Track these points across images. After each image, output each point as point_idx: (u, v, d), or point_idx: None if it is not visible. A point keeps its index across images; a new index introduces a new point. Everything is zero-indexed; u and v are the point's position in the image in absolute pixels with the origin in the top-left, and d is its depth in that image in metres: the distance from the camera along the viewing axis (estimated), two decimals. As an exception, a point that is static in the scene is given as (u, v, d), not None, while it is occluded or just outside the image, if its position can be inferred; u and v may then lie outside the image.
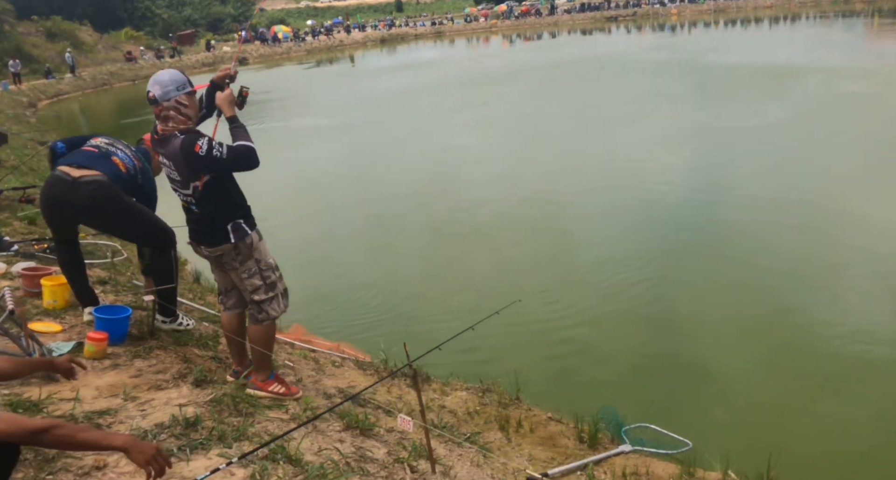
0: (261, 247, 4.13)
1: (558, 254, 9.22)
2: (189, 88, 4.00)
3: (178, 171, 3.92)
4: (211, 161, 3.82)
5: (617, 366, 6.37)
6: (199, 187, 3.92)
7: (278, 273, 4.22)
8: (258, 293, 4.11)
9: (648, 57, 31.49)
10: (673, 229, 9.81)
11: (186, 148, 3.80)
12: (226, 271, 4.18)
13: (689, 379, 6.14)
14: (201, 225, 4.06)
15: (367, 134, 19.52)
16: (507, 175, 13.63)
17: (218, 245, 4.03)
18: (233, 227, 4.00)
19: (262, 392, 4.26)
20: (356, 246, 10.53)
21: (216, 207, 4.00)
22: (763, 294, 7.58)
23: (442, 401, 5.12)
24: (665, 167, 13.11)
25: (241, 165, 3.93)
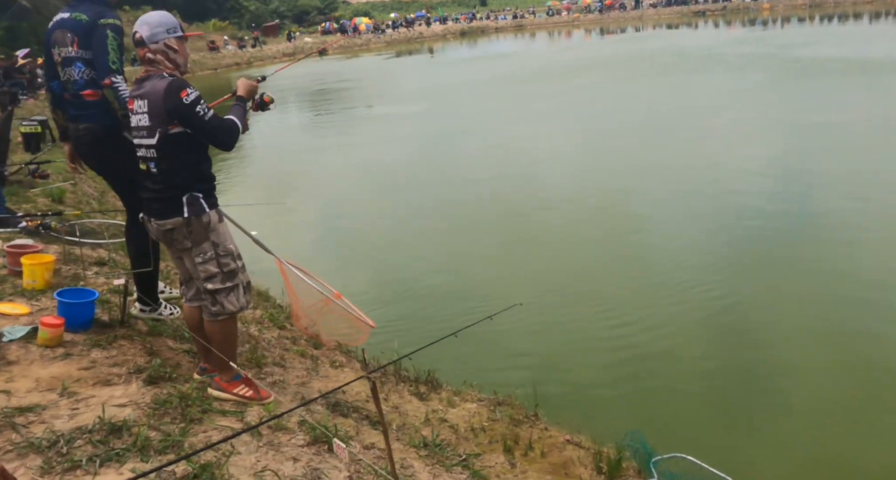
0: (219, 229, 3.61)
1: (619, 256, 8.37)
2: (179, 33, 3.63)
3: (149, 113, 3.45)
4: (191, 115, 3.41)
5: (656, 384, 5.56)
6: (166, 136, 3.45)
7: (240, 263, 3.69)
8: (213, 282, 3.58)
9: (734, 50, 29.89)
10: (751, 234, 8.81)
11: (172, 90, 3.38)
12: (179, 253, 3.68)
13: (737, 404, 5.29)
14: (154, 193, 3.57)
15: (442, 123, 18.98)
16: (578, 169, 12.86)
17: (167, 218, 3.53)
18: (188, 199, 3.51)
19: (225, 394, 3.72)
20: (414, 232, 10.05)
21: (176, 169, 3.51)
22: (844, 314, 6.60)
23: (445, 413, 4.47)
24: (745, 166, 12.03)
25: (217, 137, 3.52)
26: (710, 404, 5.42)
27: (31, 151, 11.20)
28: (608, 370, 5.72)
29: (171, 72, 3.53)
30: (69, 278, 5.14)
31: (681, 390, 5.56)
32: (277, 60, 48.18)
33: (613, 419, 5.04)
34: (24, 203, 7.54)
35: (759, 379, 5.71)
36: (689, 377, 5.76)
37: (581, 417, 4.87)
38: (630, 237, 8.90)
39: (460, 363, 5.37)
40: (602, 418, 5.02)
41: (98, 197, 9.32)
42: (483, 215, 10.49)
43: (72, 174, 9.43)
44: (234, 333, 3.80)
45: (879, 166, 11.11)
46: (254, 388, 3.83)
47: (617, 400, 5.34)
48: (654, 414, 5.22)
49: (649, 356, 5.96)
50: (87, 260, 5.66)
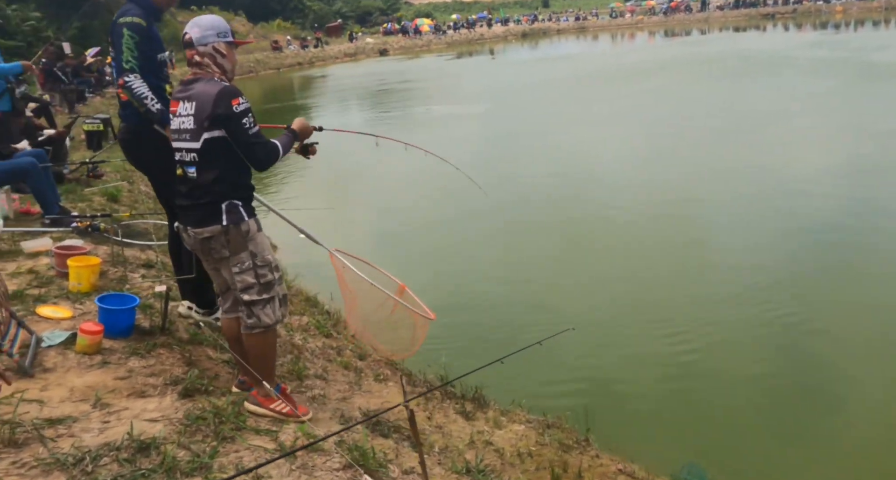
0: (258, 239, 3.50)
1: (680, 270, 7.92)
2: (230, 38, 3.53)
3: (195, 117, 3.37)
4: (238, 125, 3.33)
5: (715, 409, 5.21)
6: (211, 141, 3.36)
7: (277, 275, 3.57)
8: (249, 293, 3.46)
9: (805, 54, 28.86)
10: (819, 248, 8.33)
11: (225, 95, 3.32)
12: (216, 264, 3.57)
13: (803, 432, 4.92)
14: (192, 199, 3.46)
15: (502, 125, 18.70)
16: (640, 175, 12.36)
17: (205, 226, 3.42)
18: (228, 207, 3.42)
19: (261, 409, 3.58)
20: (469, 236, 9.83)
21: (217, 175, 3.41)
22: None
23: (491, 436, 4.26)
24: (816, 175, 11.48)
25: (255, 152, 3.43)
26: (773, 432, 5.06)
27: (92, 148, 11.39)
28: (665, 394, 5.40)
29: (218, 77, 3.45)
30: (115, 280, 5.10)
31: (742, 416, 5.21)
32: (339, 60, 48.63)
33: (670, 446, 4.75)
34: (80, 202, 7.60)
35: (827, 405, 5.35)
36: (752, 404, 5.39)
37: (635, 444, 4.62)
38: (692, 250, 8.51)
39: (508, 380, 5.13)
40: (658, 445, 4.73)
41: (154, 197, 9.35)
42: (541, 221, 10.18)
43: (129, 173, 9.57)
44: (272, 347, 3.66)
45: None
46: (291, 404, 3.67)
47: (674, 426, 5.03)
48: (712, 442, 4.91)
49: (709, 379, 5.63)
50: (135, 262, 5.63)
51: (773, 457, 4.62)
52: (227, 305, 3.71)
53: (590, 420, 4.55)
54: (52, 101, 15.65)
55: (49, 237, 5.74)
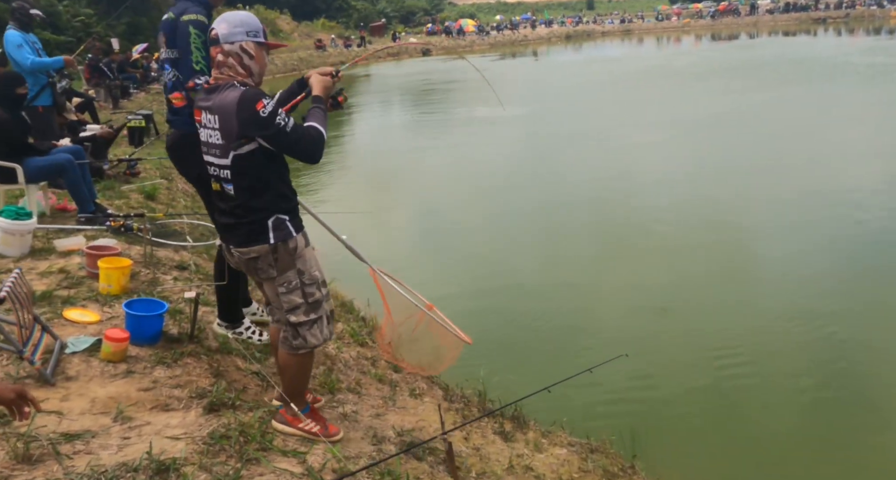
0: (306, 255, 3.21)
1: (732, 287, 7.48)
2: (260, 38, 3.17)
3: (221, 130, 3.05)
4: (270, 127, 2.98)
5: (765, 434, 4.85)
6: (241, 156, 3.05)
7: (325, 291, 3.29)
8: (296, 314, 3.19)
9: (861, 60, 27.97)
10: (876, 264, 7.93)
11: (247, 102, 2.95)
12: (260, 281, 3.33)
13: (853, 454, 4.57)
14: (235, 217, 3.17)
15: (544, 126, 18.42)
16: (683, 181, 12.00)
17: (251, 245, 3.13)
18: (274, 223, 3.11)
19: (290, 429, 3.38)
20: (511, 243, 9.52)
21: (257, 190, 3.11)
22: None
23: (531, 460, 4.00)
24: (871, 186, 10.98)
25: (301, 148, 3.08)
26: (824, 460, 4.72)
27: (134, 145, 11.38)
28: (715, 421, 5.06)
29: (242, 80, 3.09)
30: (146, 283, 4.96)
31: (793, 446, 4.86)
32: (381, 59, 48.64)
33: (718, 476, 4.44)
34: (117, 199, 7.53)
35: (882, 429, 5.00)
36: (804, 433, 5.06)
37: (683, 472, 4.33)
38: (744, 267, 8.13)
39: (550, 399, 4.85)
40: (706, 474, 4.43)
41: (193, 195, 9.28)
42: (586, 228, 9.91)
43: (168, 171, 9.51)
44: (309, 367, 3.43)
45: None
46: (322, 423, 3.47)
47: (723, 455, 4.69)
48: (761, 471, 4.58)
49: (760, 407, 5.27)
50: (168, 264, 5.50)
51: None
52: (277, 316, 3.44)
53: (636, 446, 4.28)
54: (96, 96, 15.79)
55: (83, 236, 5.64)
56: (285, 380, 3.40)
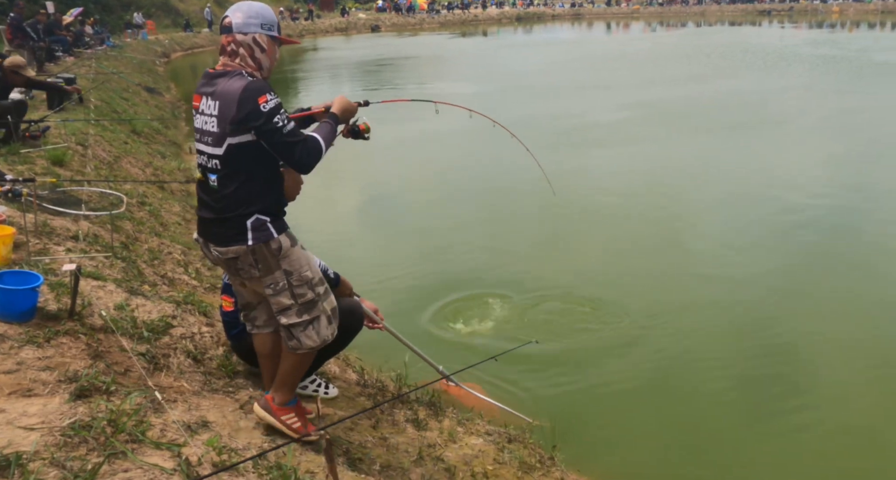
0: (293, 255, 3.02)
1: (658, 275, 7.32)
2: (274, 32, 3.03)
3: (220, 117, 2.89)
4: (268, 123, 2.83)
5: (692, 425, 4.67)
6: (235, 146, 2.89)
7: (320, 290, 3.10)
8: (287, 315, 3.06)
9: (810, 51, 28.50)
10: (801, 247, 7.92)
11: (251, 92, 2.82)
12: (243, 282, 3.15)
13: (786, 452, 4.42)
14: (215, 212, 2.99)
15: (499, 105, 18.14)
16: (631, 165, 11.87)
17: (229, 245, 2.96)
18: (254, 224, 2.94)
19: (270, 418, 3.21)
20: (451, 219, 9.35)
21: (242, 186, 2.94)
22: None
23: (444, 450, 3.74)
24: (804, 171, 11.03)
25: (294, 154, 2.92)
26: (749, 438, 4.59)
27: (52, 108, 10.72)
28: (638, 410, 4.85)
29: (251, 72, 2.93)
30: (35, 253, 4.53)
31: (718, 431, 4.71)
32: (329, 33, 47.78)
33: (642, 467, 4.25)
34: (21, 164, 6.98)
35: (805, 407, 4.94)
36: (728, 412, 4.91)
37: (605, 463, 4.14)
38: (678, 250, 8.02)
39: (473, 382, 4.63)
40: (629, 466, 4.24)
41: (110, 163, 8.75)
42: (526, 207, 9.74)
43: (85, 137, 8.94)
44: (308, 363, 3.26)
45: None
46: (303, 420, 3.29)
47: (647, 446, 4.50)
48: (686, 458, 4.42)
49: (684, 388, 5.13)
50: (62, 234, 5.06)
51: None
52: (262, 319, 3.30)
53: (556, 437, 4.06)
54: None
55: (-31, 202, 5.15)
56: (281, 371, 3.23)
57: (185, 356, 3.72)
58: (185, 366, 3.65)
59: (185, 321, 4.08)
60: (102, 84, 15.51)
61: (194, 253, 6.01)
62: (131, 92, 17.34)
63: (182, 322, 4.06)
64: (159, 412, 3.07)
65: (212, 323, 4.26)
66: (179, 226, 7.01)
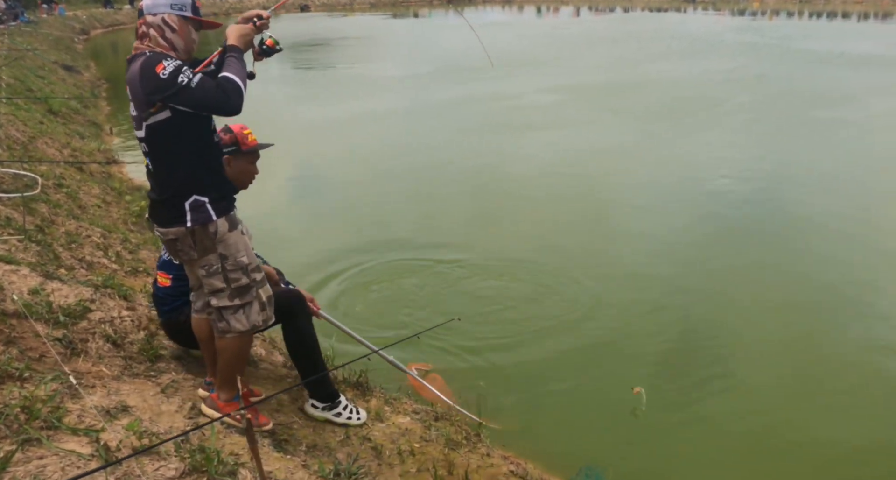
0: (230, 240, 3.02)
1: (580, 249, 7.49)
2: (186, 12, 2.95)
3: (134, 101, 2.89)
4: (171, 87, 2.75)
5: (621, 389, 4.77)
6: (153, 127, 2.85)
7: (256, 276, 3.12)
8: (219, 297, 3.10)
9: (733, 38, 29.38)
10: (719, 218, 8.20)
11: (146, 67, 2.78)
12: (186, 263, 3.19)
13: (706, 421, 4.60)
14: (156, 193, 3.02)
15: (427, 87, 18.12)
16: (551, 149, 12.02)
17: (169, 226, 2.98)
18: (192, 205, 2.94)
19: (218, 415, 3.19)
20: (381, 195, 9.37)
21: (174, 167, 2.93)
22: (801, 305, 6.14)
23: (371, 430, 3.77)
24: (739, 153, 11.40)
25: (214, 102, 2.83)
26: (675, 409, 4.74)
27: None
28: (563, 386, 4.92)
29: (159, 52, 2.86)
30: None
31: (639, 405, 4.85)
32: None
33: (569, 443, 4.36)
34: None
35: (727, 375, 5.16)
36: (655, 384, 5.00)
37: (530, 440, 4.23)
38: (606, 227, 8.20)
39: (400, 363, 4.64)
40: (555, 442, 4.33)
41: (24, 143, 8.39)
42: (455, 186, 9.82)
43: None
44: (244, 351, 3.25)
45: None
46: (253, 412, 3.29)
47: (574, 422, 4.59)
48: (611, 435, 4.53)
49: (611, 362, 5.25)
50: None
51: (679, 462, 4.27)
52: (200, 303, 3.32)
53: (482, 414, 4.13)
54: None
55: None
56: (219, 364, 3.24)
57: (104, 341, 3.62)
58: (105, 351, 3.56)
59: (104, 305, 3.98)
60: (15, 61, 14.84)
61: (114, 236, 5.84)
62: (47, 70, 16.65)
63: (101, 306, 3.95)
64: (77, 398, 3.00)
65: (133, 307, 4.16)
66: (99, 209, 6.80)
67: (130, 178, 9.09)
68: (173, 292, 3.60)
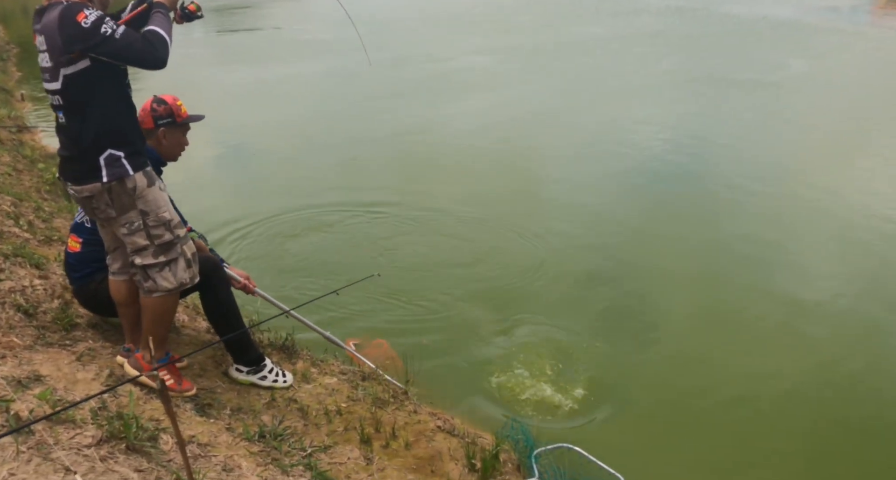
0: (149, 195, 2.93)
1: (514, 201, 7.68)
2: None
3: (49, 51, 2.75)
4: (97, 38, 2.67)
5: (546, 361, 4.86)
6: (70, 77, 2.73)
7: (179, 232, 3.04)
8: (143, 256, 3.00)
9: (661, 3, 29.69)
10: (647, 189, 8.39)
11: (67, 15, 2.68)
12: (103, 223, 3.07)
13: (637, 382, 4.74)
14: (68, 150, 2.89)
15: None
16: (480, 109, 12.05)
17: (84, 183, 2.87)
18: (107, 160, 2.84)
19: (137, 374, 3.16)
20: (308, 168, 9.18)
21: (89, 121, 2.81)
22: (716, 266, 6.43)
23: (297, 391, 3.75)
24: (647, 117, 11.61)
25: (136, 53, 2.74)
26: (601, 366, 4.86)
27: None
28: (489, 339, 5.03)
29: (80, 2, 2.74)
30: None
31: (571, 354, 4.95)
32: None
33: (493, 399, 4.43)
34: None
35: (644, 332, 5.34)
36: (582, 341, 5.15)
37: (457, 396, 4.30)
38: (533, 193, 8.28)
39: (329, 325, 4.62)
40: (480, 398, 4.41)
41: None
42: (384, 152, 9.77)
43: None
44: (170, 312, 3.19)
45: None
46: (177, 377, 3.28)
47: (497, 376, 4.67)
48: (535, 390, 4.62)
49: (533, 328, 5.28)
50: None
51: (603, 413, 4.40)
52: (117, 266, 3.21)
53: (410, 370, 4.16)
54: None
55: None
56: (144, 324, 3.14)
57: (14, 311, 3.50)
58: (16, 321, 3.44)
59: (14, 274, 3.83)
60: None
61: (27, 205, 5.62)
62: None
63: (11, 276, 3.81)
64: (-15, 369, 2.90)
65: (46, 276, 4.02)
66: (10, 176, 6.51)
67: (43, 145, 8.72)
68: (84, 258, 3.48)
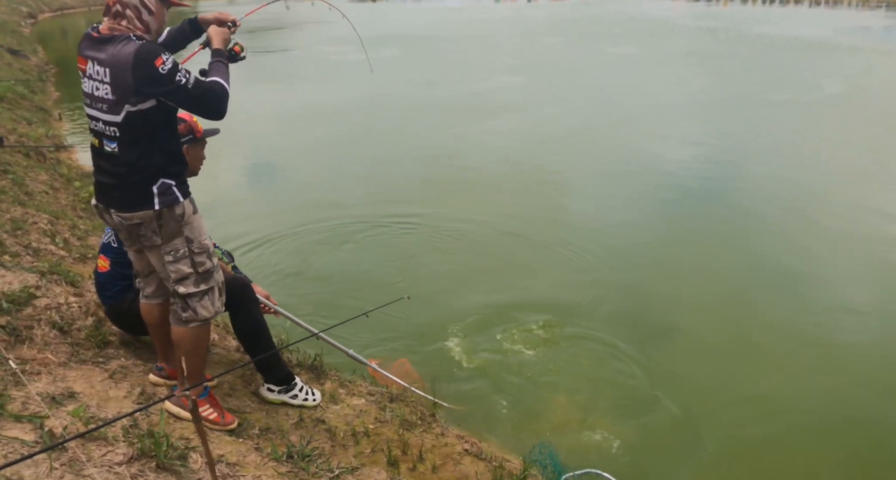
0: (195, 222, 2.99)
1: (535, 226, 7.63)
2: None
3: (113, 85, 2.75)
4: (170, 85, 2.76)
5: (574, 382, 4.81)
6: (135, 114, 2.77)
7: (215, 260, 3.08)
8: (185, 285, 3.02)
9: (692, 23, 29.80)
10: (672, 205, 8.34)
11: (144, 56, 2.71)
12: (142, 250, 3.06)
13: (667, 409, 4.64)
14: (117, 178, 2.88)
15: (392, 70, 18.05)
16: (506, 129, 12.09)
17: (135, 210, 2.89)
18: (160, 188, 2.88)
19: (185, 413, 3.16)
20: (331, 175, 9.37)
21: (144, 153, 2.84)
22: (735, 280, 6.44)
23: (325, 412, 3.76)
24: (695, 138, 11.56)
25: (205, 104, 2.89)
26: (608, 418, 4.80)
27: None
28: (517, 368, 4.96)
29: (140, 35, 2.80)
30: None
31: (593, 391, 4.89)
32: None
33: (522, 423, 4.39)
34: None
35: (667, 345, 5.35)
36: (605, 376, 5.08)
37: (485, 420, 4.26)
38: (558, 211, 8.27)
39: (356, 345, 4.63)
40: (509, 422, 4.37)
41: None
42: (415, 168, 9.89)
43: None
44: (205, 341, 3.19)
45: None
46: (218, 410, 3.28)
47: (526, 402, 4.61)
48: (563, 414, 4.58)
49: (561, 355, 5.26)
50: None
51: (633, 439, 4.33)
52: (150, 289, 3.23)
53: (437, 394, 4.15)
54: None
55: None
56: (181, 356, 3.07)
57: (50, 328, 3.56)
58: (50, 338, 3.50)
59: (50, 291, 3.90)
60: (-42, 45, 14.39)
61: (62, 223, 5.72)
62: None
63: (47, 293, 3.87)
64: (21, 386, 2.95)
65: (81, 293, 4.09)
66: (47, 194, 6.64)
67: (80, 164, 8.88)
68: (112, 276, 3.54)
